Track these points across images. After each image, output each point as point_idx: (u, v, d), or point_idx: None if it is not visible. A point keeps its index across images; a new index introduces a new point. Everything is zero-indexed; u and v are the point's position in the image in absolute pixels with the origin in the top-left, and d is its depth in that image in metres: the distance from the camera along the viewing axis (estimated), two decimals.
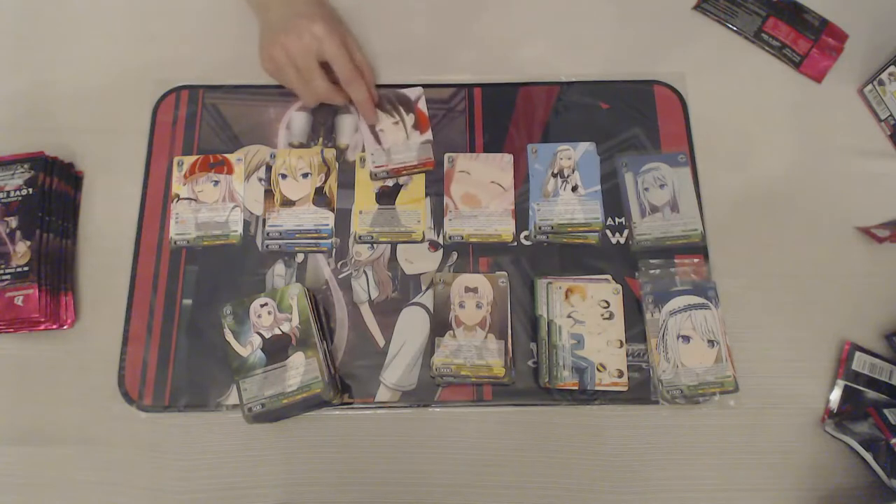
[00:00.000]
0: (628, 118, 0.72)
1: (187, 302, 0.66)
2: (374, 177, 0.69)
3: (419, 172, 0.70)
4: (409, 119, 0.71)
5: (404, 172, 0.69)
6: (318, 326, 0.62)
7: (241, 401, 0.59)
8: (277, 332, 0.61)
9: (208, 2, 0.77)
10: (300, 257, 0.67)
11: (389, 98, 0.72)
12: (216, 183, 0.69)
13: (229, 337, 0.61)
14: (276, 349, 0.60)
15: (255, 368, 0.60)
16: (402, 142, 0.70)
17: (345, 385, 0.63)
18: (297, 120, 0.72)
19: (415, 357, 0.64)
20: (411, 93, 0.72)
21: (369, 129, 0.71)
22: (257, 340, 0.61)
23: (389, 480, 0.61)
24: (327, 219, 0.68)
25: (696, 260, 0.67)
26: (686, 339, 0.63)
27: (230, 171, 0.70)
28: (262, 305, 0.62)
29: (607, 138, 0.71)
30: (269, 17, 0.69)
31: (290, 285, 0.63)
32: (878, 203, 0.69)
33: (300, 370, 0.59)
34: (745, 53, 0.76)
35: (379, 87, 0.72)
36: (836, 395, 0.63)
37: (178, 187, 0.69)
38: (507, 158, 0.70)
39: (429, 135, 0.70)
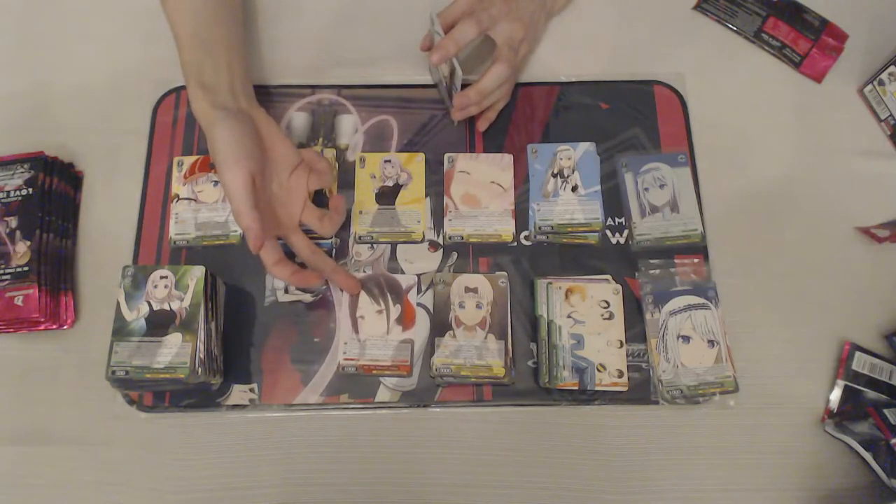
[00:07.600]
0: (628, 118, 0.72)
1: None
2: (341, 369, 0.63)
3: (390, 375, 0.63)
4: (395, 311, 0.65)
5: (374, 372, 0.63)
6: (208, 315, 0.61)
7: (108, 361, 0.59)
8: (166, 307, 0.60)
9: None
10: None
11: (378, 282, 0.65)
12: (216, 183, 0.69)
13: (120, 297, 0.60)
14: (159, 323, 0.60)
15: (132, 335, 0.59)
16: (381, 335, 0.64)
17: (226, 369, 0.63)
18: (296, 120, 0.72)
19: (415, 357, 0.64)
20: (404, 280, 0.66)
21: (349, 312, 0.65)
22: (145, 308, 0.60)
23: (389, 480, 0.61)
24: None
25: (696, 260, 0.67)
26: (686, 339, 0.63)
27: None
28: (161, 277, 0.61)
29: (607, 138, 0.71)
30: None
31: (195, 266, 0.62)
32: (878, 203, 0.69)
33: (173, 350, 0.58)
34: (745, 53, 0.76)
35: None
36: (836, 395, 0.63)
37: (178, 187, 0.69)
38: (507, 158, 0.70)
39: (411, 333, 0.64)
